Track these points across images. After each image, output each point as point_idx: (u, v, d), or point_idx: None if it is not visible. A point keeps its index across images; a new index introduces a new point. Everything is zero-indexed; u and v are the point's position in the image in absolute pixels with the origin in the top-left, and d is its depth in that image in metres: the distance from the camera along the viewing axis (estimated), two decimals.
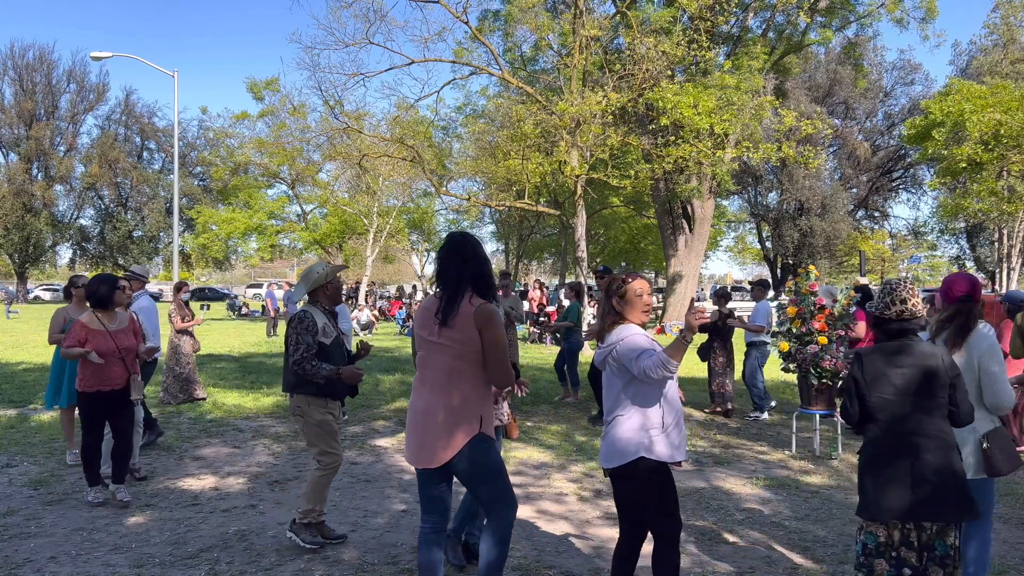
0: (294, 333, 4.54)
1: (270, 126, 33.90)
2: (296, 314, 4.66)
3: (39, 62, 47.35)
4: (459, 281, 3.43)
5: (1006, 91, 22.81)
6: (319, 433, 4.67)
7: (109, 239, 48.31)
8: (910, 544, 3.26)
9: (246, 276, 72.43)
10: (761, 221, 41.84)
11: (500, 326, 3.40)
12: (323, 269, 4.81)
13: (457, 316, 3.38)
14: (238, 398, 10.25)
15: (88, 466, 5.55)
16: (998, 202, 24.36)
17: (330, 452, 4.70)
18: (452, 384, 3.43)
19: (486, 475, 3.45)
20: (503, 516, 3.46)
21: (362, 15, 19.54)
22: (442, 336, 3.42)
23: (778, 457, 7.34)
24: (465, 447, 3.39)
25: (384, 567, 4.43)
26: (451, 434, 3.40)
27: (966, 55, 38.37)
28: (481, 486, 3.47)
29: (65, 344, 5.55)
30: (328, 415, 4.70)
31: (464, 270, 3.44)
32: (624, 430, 3.39)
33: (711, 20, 18.19)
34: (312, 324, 4.59)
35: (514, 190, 24.92)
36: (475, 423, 3.42)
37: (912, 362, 3.26)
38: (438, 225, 41.67)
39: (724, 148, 17.72)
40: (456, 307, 3.39)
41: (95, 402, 5.47)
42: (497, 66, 18.94)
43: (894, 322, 3.34)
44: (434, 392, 3.48)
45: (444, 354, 3.44)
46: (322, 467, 4.69)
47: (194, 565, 4.42)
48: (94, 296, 5.58)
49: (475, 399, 3.43)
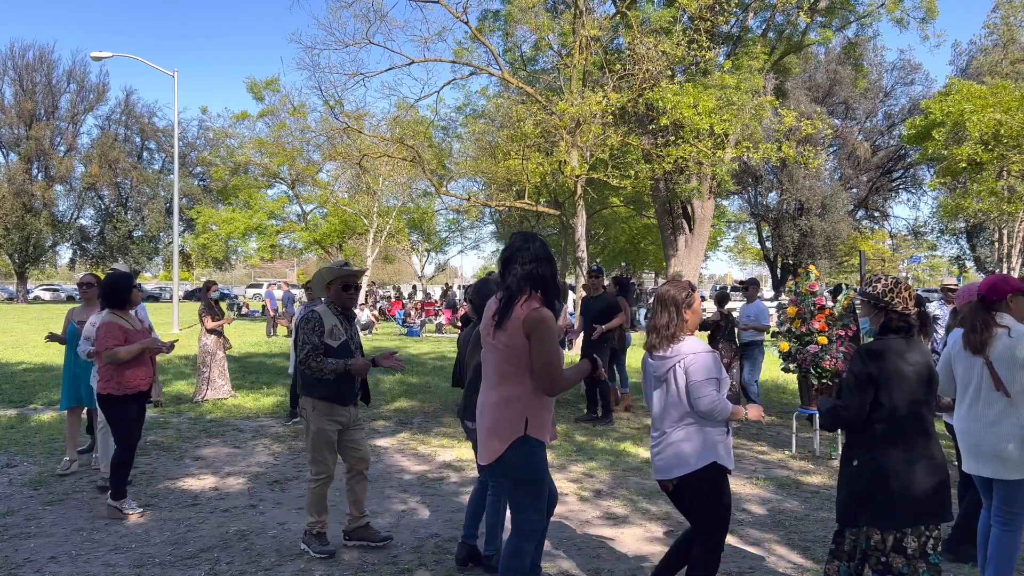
0: (301, 333, 4.52)
1: (270, 126, 33.89)
2: (304, 314, 4.62)
3: (39, 62, 47.31)
4: (516, 284, 3.39)
5: (1006, 91, 22.79)
6: (314, 442, 4.60)
7: (109, 239, 48.27)
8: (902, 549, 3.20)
9: (246, 276, 72.44)
10: (761, 221, 41.84)
11: (550, 332, 3.31)
12: (328, 269, 4.74)
13: (510, 320, 3.35)
14: (238, 398, 10.25)
15: (124, 475, 5.28)
16: (998, 202, 24.35)
17: (321, 462, 4.61)
18: (501, 386, 3.42)
19: (525, 478, 3.41)
20: (521, 524, 3.41)
21: (362, 15, 19.54)
22: (495, 338, 3.41)
23: (778, 457, 7.34)
24: (508, 450, 3.37)
25: (384, 567, 4.43)
26: (495, 435, 3.40)
27: (966, 55, 38.37)
28: (515, 489, 3.44)
29: (105, 347, 5.18)
30: (330, 423, 4.59)
31: (522, 272, 3.39)
32: (697, 436, 3.41)
33: (711, 20, 18.18)
34: (318, 325, 4.54)
35: (514, 190, 24.89)
36: (519, 426, 3.37)
37: (917, 359, 3.26)
38: (438, 225, 41.67)
39: (724, 148, 17.71)
40: (510, 310, 3.36)
41: (128, 406, 5.29)
42: (497, 66, 18.94)
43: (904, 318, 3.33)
44: (487, 392, 3.51)
45: (496, 356, 3.43)
46: (312, 476, 4.64)
47: (194, 565, 4.42)
48: (112, 295, 5.39)
49: (521, 402, 3.38)
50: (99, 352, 5.21)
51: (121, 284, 5.40)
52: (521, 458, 3.38)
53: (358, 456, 4.76)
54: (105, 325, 5.26)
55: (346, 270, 4.71)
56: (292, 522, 5.22)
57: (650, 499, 5.84)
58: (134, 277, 5.58)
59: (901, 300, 3.33)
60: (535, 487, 3.43)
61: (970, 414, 3.80)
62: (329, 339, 4.54)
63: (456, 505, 5.64)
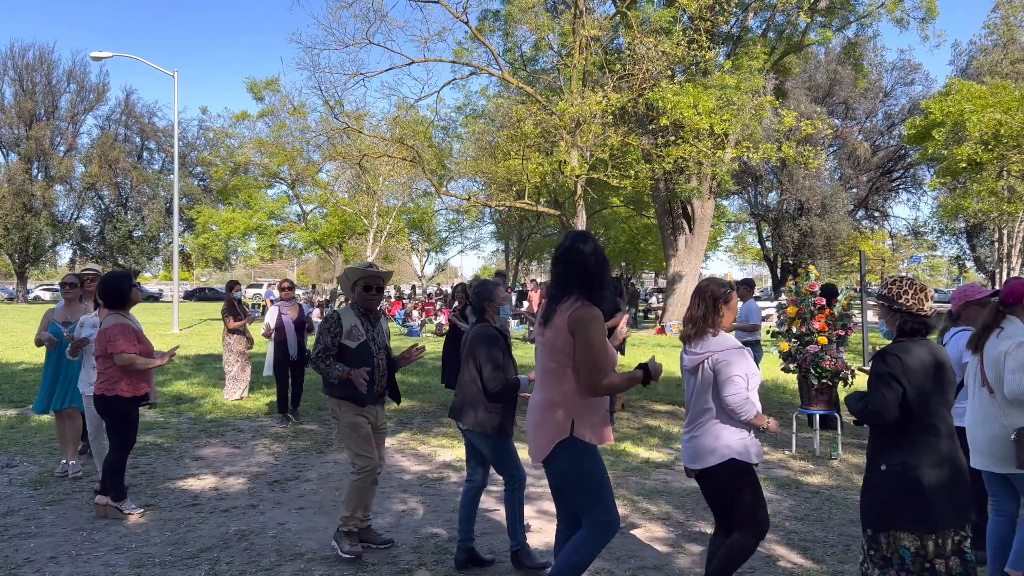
0: (317, 332, 4.56)
1: (270, 126, 33.92)
2: (326, 315, 4.63)
3: (39, 62, 47.32)
4: (562, 282, 3.37)
5: (1006, 91, 22.80)
6: (350, 436, 4.55)
7: (109, 239, 48.27)
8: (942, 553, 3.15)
9: (246, 276, 72.43)
10: (761, 221, 41.83)
11: (595, 330, 3.25)
12: (353, 269, 4.70)
13: (556, 317, 3.33)
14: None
15: (119, 474, 5.22)
16: (998, 202, 24.35)
17: (362, 455, 4.53)
18: (547, 385, 3.39)
19: (574, 482, 3.37)
20: (592, 525, 3.37)
21: (362, 15, 19.57)
22: (543, 336, 3.40)
23: (778, 457, 7.34)
24: (554, 450, 3.34)
25: (384, 567, 4.43)
26: (542, 435, 3.37)
27: (966, 55, 38.39)
28: (569, 492, 3.41)
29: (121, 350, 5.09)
30: (359, 417, 4.56)
31: (568, 271, 3.36)
32: (718, 432, 3.44)
33: (711, 20, 18.18)
34: (335, 325, 4.51)
35: (514, 190, 24.91)
36: (565, 427, 3.32)
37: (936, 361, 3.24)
38: (438, 225, 41.68)
39: (724, 148, 17.72)
40: (555, 308, 3.34)
41: (133, 408, 5.25)
42: (497, 66, 18.94)
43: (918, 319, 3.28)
44: (536, 391, 3.50)
45: (543, 355, 3.41)
46: (356, 471, 4.55)
47: (194, 565, 4.42)
48: (112, 295, 5.28)
49: (567, 403, 3.33)
50: (112, 354, 5.12)
51: (122, 284, 5.31)
52: (568, 461, 3.34)
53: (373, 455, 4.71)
54: (119, 327, 5.16)
55: (368, 271, 4.67)
56: (292, 522, 5.22)
57: (650, 499, 5.84)
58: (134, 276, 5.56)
59: (916, 301, 3.28)
60: (589, 489, 3.36)
61: (970, 411, 3.99)
62: (347, 340, 4.50)
63: (456, 505, 5.64)
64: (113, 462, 5.23)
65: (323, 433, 8.22)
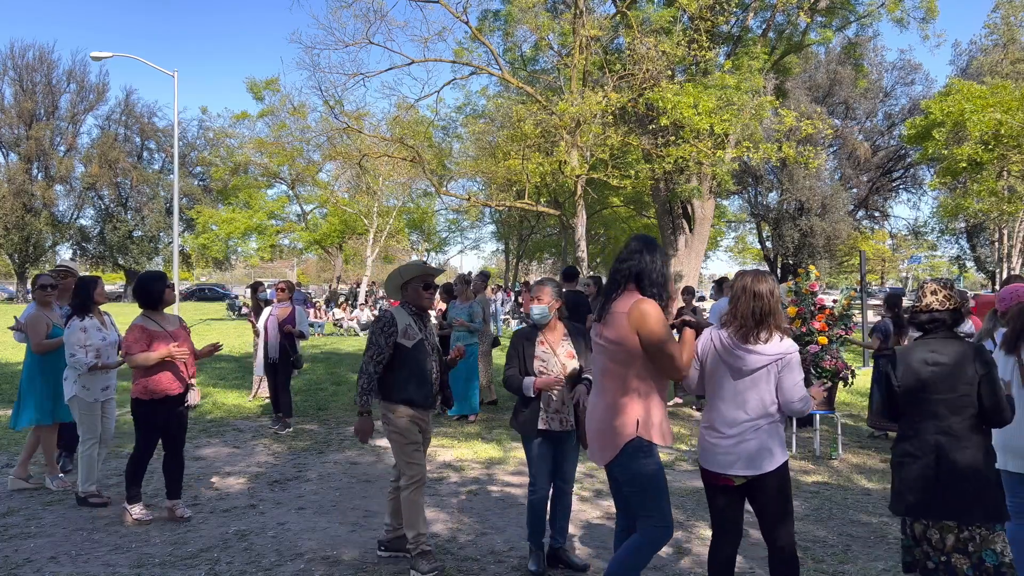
0: (370, 334, 4.35)
1: (270, 126, 33.89)
2: (378, 315, 4.50)
3: (39, 62, 47.32)
4: (616, 279, 3.37)
5: (1006, 91, 22.79)
6: (400, 442, 4.32)
7: (109, 239, 48.28)
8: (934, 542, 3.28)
9: (246, 276, 72.42)
10: (761, 221, 41.81)
11: (658, 320, 3.25)
12: (408, 266, 4.54)
13: (611, 315, 3.30)
14: (238, 398, 10.25)
15: (135, 480, 5.18)
16: (998, 202, 24.35)
17: (413, 464, 4.31)
18: (608, 386, 3.36)
19: (638, 482, 3.34)
20: (648, 530, 3.35)
21: (362, 15, 19.49)
22: (601, 336, 3.37)
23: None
24: (620, 453, 3.32)
25: (384, 567, 4.43)
26: (608, 436, 3.33)
27: (966, 55, 38.38)
28: (632, 493, 3.38)
29: (131, 352, 5.02)
30: (412, 424, 4.34)
31: (623, 267, 3.37)
32: (776, 433, 3.38)
33: (711, 20, 18.15)
34: (389, 324, 4.32)
35: (514, 190, 24.89)
36: (632, 427, 3.30)
37: (937, 358, 3.30)
38: (438, 225, 41.67)
39: (724, 148, 17.70)
40: (609, 304, 3.32)
41: (155, 412, 5.11)
42: (497, 66, 18.94)
43: (922, 314, 3.40)
44: (596, 393, 3.45)
45: (602, 355, 3.38)
46: (408, 482, 4.30)
47: (194, 565, 4.42)
48: (145, 295, 5.18)
49: (632, 403, 3.30)
50: (125, 356, 5.12)
51: (153, 284, 5.21)
52: (634, 461, 3.32)
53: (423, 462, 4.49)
54: (133, 328, 5.08)
55: (428, 268, 4.53)
56: (292, 522, 5.22)
57: None
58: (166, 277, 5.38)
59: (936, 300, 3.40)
60: (652, 491, 3.33)
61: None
62: (403, 339, 4.35)
63: (456, 505, 5.64)
64: (130, 461, 5.19)
65: (323, 433, 8.22)
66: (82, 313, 5.52)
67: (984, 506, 3.19)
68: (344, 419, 9.09)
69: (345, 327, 24.53)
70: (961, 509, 3.20)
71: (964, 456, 3.21)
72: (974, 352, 3.25)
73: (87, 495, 5.49)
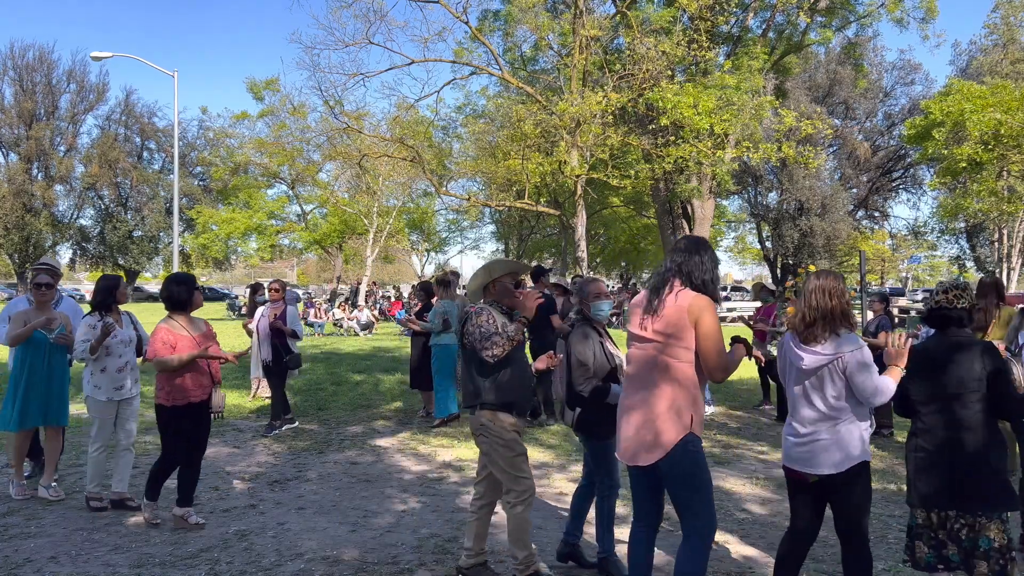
0: (476, 328, 3.98)
1: (270, 126, 33.93)
2: (475, 310, 4.11)
3: (39, 62, 47.30)
4: (666, 273, 3.36)
5: (1006, 91, 22.80)
6: (509, 456, 4.00)
7: (109, 239, 48.28)
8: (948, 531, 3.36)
9: (246, 276, 72.43)
10: (761, 221, 41.81)
11: (715, 316, 3.27)
12: (498, 263, 4.27)
13: (664, 308, 3.28)
14: (238, 398, 10.25)
15: (158, 481, 5.08)
16: (998, 202, 24.36)
17: (523, 478, 4.04)
18: (658, 381, 3.31)
19: (691, 481, 3.31)
20: (699, 528, 3.32)
21: (362, 15, 19.56)
22: (648, 330, 3.34)
23: (778, 457, 7.33)
24: (673, 449, 3.27)
25: (384, 567, 4.43)
26: (657, 433, 3.28)
27: (966, 55, 38.37)
28: (683, 491, 3.33)
29: (156, 355, 4.91)
30: (516, 433, 4.06)
31: (672, 262, 3.37)
32: (852, 433, 3.38)
33: (711, 20, 18.17)
34: (489, 318, 4.02)
35: (514, 190, 24.90)
36: (687, 423, 3.28)
37: (947, 354, 3.40)
38: (438, 225, 41.68)
39: (724, 148, 17.72)
40: (661, 299, 3.30)
41: (180, 417, 4.99)
42: (497, 66, 18.95)
43: (936, 311, 3.50)
44: (636, 388, 3.40)
45: (649, 348, 3.35)
46: (516, 498, 4.02)
47: (194, 565, 4.42)
48: (171, 298, 5.07)
49: (687, 397, 3.28)
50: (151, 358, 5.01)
51: (179, 286, 5.09)
52: (689, 457, 3.29)
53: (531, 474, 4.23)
54: (157, 330, 4.98)
55: (519, 264, 4.34)
56: (292, 522, 5.22)
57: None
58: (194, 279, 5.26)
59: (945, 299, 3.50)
60: (705, 486, 3.34)
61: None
62: None
63: (456, 505, 5.64)
64: (154, 467, 5.12)
65: (323, 433, 8.22)
66: (103, 311, 5.46)
67: (990, 496, 3.29)
68: (344, 419, 9.09)
69: (345, 327, 24.53)
70: (968, 499, 3.30)
71: (972, 448, 3.31)
72: (982, 349, 3.36)
73: (88, 496, 5.45)
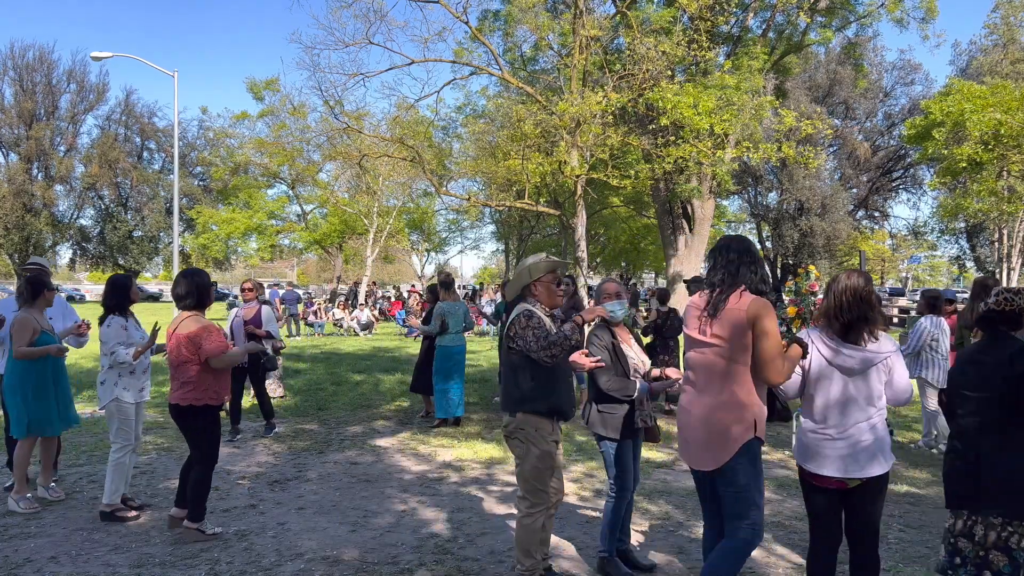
0: (525, 330, 3.87)
1: (270, 126, 33.90)
2: (521, 312, 3.97)
3: (39, 62, 47.28)
4: (727, 276, 3.34)
5: (1006, 91, 22.79)
6: (538, 468, 3.93)
7: (109, 239, 48.25)
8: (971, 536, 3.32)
9: (246, 276, 72.43)
10: (761, 221, 41.82)
11: (774, 320, 3.24)
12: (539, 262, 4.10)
13: (724, 311, 3.26)
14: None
15: (204, 494, 4.92)
16: (998, 202, 24.35)
17: (542, 491, 3.94)
18: (720, 386, 3.29)
19: (748, 486, 3.30)
20: (743, 531, 3.32)
21: (362, 15, 19.53)
22: (708, 334, 3.32)
23: (778, 457, 7.34)
24: (737, 455, 3.27)
25: (384, 567, 4.43)
26: (723, 437, 3.27)
27: (966, 55, 38.36)
28: (736, 495, 3.32)
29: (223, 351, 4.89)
30: (552, 444, 3.98)
31: (731, 266, 3.35)
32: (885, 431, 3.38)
33: (711, 20, 18.16)
34: (540, 321, 3.92)
35: (514, 190, 24.88)
36: (751, 427, 3.27)
37: (982, 357, 3.37)
38: (438, 225, 41.68)
39: (724, 148, 17.72)
40: (725, 301, 3.28)
41: (216, 418, 4.97)
42: (497, 66, 18.94)
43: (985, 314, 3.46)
44: (699, 392, 3.38)
45: (709, 352, 3.32)
46: (528, 508, 3.96)
47: (194, 565, 4.42)
48: (208, 296, 5.04)
49: (751, 401, 3.27)
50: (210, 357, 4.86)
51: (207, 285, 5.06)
52: (751, 462, 3.28)
53: (556, 487, 4.08)
54: (208, 327, 4.91)
55: (559, 262, 4.12)
56: (292, 522, 5.22)
57: (650, 499, 5.84)
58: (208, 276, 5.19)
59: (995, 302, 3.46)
60: (758, 493, 3.34)
61: None
62: None
63: (456, 505, 5.64)
64: (197, 479, 4.92)
65: (323, 433, 8.22)
66: (122, 312, 5.40)
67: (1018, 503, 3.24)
68: (344, 419, 9.09)
69: (345, 327, 24.54)
70: (1004, 504, 3.25)
71: (1007, 452, 3.27)
72: (1018, 351, 3.29)
73: (113, 509, 5.16)
